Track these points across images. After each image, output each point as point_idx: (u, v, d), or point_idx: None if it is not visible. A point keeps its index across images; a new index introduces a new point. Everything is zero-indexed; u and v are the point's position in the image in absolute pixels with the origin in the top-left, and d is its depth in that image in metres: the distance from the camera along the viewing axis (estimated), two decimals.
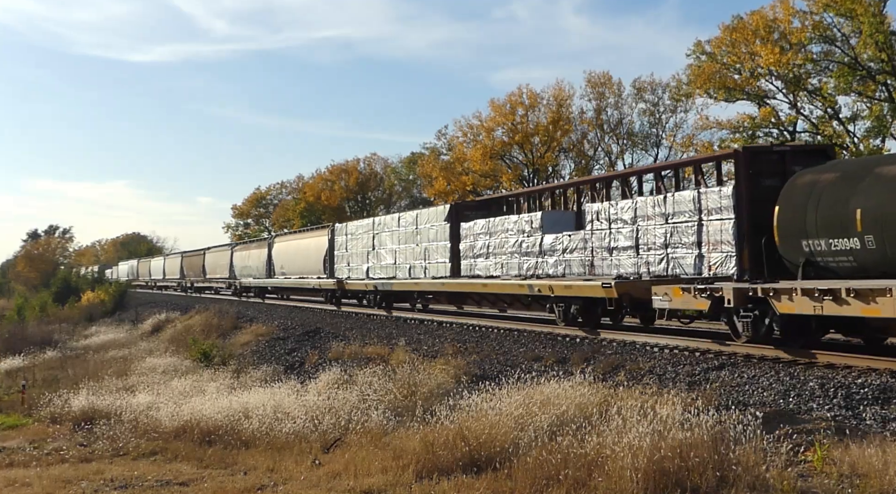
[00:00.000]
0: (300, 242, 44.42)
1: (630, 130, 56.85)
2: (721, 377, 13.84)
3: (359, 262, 34.94)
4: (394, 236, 31.81)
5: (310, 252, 41.53)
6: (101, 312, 60.27)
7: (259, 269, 50.58)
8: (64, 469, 13.60)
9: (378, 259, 33.06)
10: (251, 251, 54.09)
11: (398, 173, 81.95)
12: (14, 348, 36.31)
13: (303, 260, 42.51)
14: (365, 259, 34.28)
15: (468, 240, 26.73)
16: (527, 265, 23.27)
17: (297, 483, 11.24)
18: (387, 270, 32.05)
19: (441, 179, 57.77)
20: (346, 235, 37.03)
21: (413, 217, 30.83)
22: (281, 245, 47.63)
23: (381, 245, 32.91)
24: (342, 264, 37.15)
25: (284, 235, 50.13)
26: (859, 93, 40.02)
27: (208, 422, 15.52)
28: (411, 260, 30.19)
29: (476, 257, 26.03)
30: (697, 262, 17.24)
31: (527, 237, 23.38)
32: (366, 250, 34.20)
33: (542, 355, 18.03)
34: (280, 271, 46.28)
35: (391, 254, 31.89)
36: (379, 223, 33.69)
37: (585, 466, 9.37)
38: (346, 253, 36.75)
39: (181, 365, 25.79)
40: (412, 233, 30.29)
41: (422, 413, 13.38)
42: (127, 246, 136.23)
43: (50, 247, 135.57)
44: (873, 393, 11.60)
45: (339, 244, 37.66)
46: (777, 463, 8.89)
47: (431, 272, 28.58)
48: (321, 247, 40.08)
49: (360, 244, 35.18)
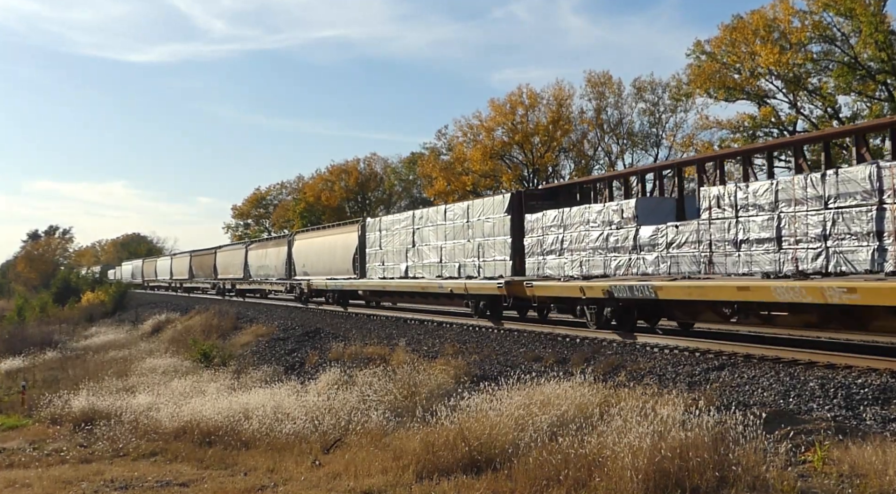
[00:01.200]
0: (325, 239, 40.96)
1: (630, 130, 56.99)
2: (721, 377, 13.84)
3: (396, 261, 31.68)
4: (439, 231, 28.40)
5: (336, 250, 38.38)
6: (101, 313, 60.27)
7: (278, 269, 47.34)
8: (64, 470, 13.59)
9: (419, 256, 29.76)
10: (268, 249, 50.49)
11: (398, 173, 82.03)
12: (14, 349, 36.30)
13: (328, 259, 39.31)
14: (403, 257, 31.09)
15: (534, 234, 23.31)
16: (616, 263, 19.90)
17: (297, 484, 11.23)
18: (430, 269, 28.82)
19: (441, 179, 57.84)
20: (379, 231, 33.53)
21: (463, 209, 27.32)
22: (303, 242, 44.07)
23: (422, 241, 29.55)
24: (375, 263, 33.73)
25: (307, 232, 46.45)
26: (859, 93, 40.07)
27: (208, 423, 15.52)
28: (461, 258, 26.89)
29: (545, 254, 22.64)
30: (876, 256, 13.77)
31: (615, 229, 19.98)
32: (404, 247, 30.91)
33: (542, 355, 18.02)
34: (302, 271, 42.95)
35: (435, 252, 28.60)
36: (420, 217, 30.09)
37: (585, 466, 9.36)
38: (380, 251, 33.27)
39: (181, 365, 25.77)
40: (462, 228, 26.86)
41: (422, 414, 13.37)
42: (127, 246, 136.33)
43: (50, 248, 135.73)
44: (873, 394, 11.61)
45: (372, 241, 34.22)
46: (777, 464, 8.88)
47: (487, 271, 25.31)
48: (350, 244, 36.97)
49: (396, 240, 31.75)
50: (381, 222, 34.00)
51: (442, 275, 27.87)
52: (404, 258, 30.86)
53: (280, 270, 46.70)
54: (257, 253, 52.89)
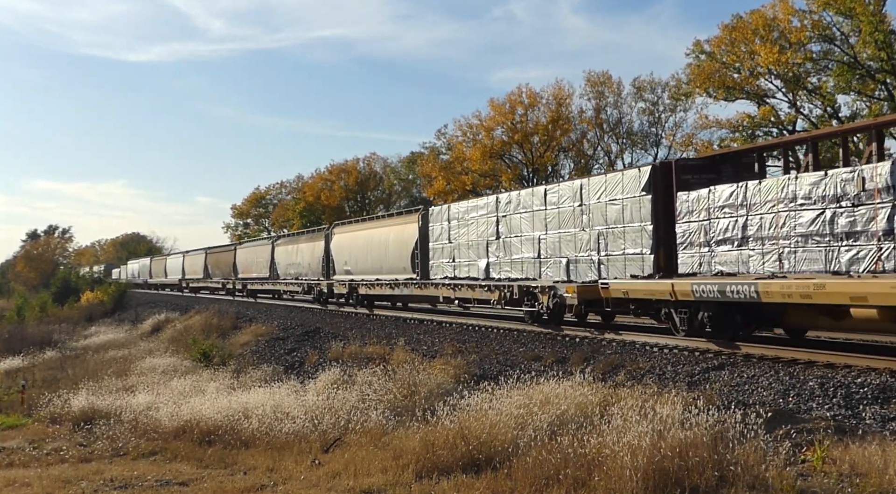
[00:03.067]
0: (374, 232, 35.08)
1: (629, 129, 57.02)
2: (721, 377, 13.84)
3: (472, 256, 26.49)
4: (536, 219, 22.95)
5: (389, 244, 33.02)
6: (100, 312, 60.30)
7: (312, 267, 41.92)
8: (63, 469, 13.59)
9: (507, 251, 24.49)
10: (301, 245, 44.77)
11: (398, 173, 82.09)
12: (14, 348, 36.34)
13: (378, 256, 33.78)
14: (483, 252, 25.85)
15: (694, 217, 17.57)
16: (847, 257, 14.28)
17: (297, 483, 11.23)
18: (524, 267, 23.47)
19: (440, 179, 57.84)
20: (447, 221, 28.37)
21: (574, 189, 21.35)
22: (344, 236, 38.67)
23: (511, 232, 24.31)
24: (441, 260, 28.59)
25: (348, 224, 40.99)
26: (859, 92, 40.07)
27: (208, 422, 15.52)
28: (572, 252, 21.29)
29: (714, 244, 16.98)
30: None
31: (847, 207, 14.26)
32: (484, 240, 25.74)
33: (542, 355, 18.02)
34: (343, 269, 37.65)
35: (531, 244, 23.20)
36: (508, 202, 24.70)
37: (585, 465, 9.36)
38: (449, 246, 28.05)
39: (181, 365, 25.78)
40: (571, 213, 21.28)
41: (422, 413, 13.38)
42: (127, 246, 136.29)
43: (49, 248, 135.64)
44: (873, 393, 11.61)
45: (437, 233, 29.00)
46: (777, 463, 8.88)
47: (615, 271, 19.57)
48: (408, 237, 31.32)
49: (473, 232, 26.54)
50: (450, 210, 28.64)
51: (543, 274, 22.60)
52: (484, 253, 25.77)
53: (315, 268, 41.66)
54: (286, 250, 47.17)
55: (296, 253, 45.04)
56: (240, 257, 56.89)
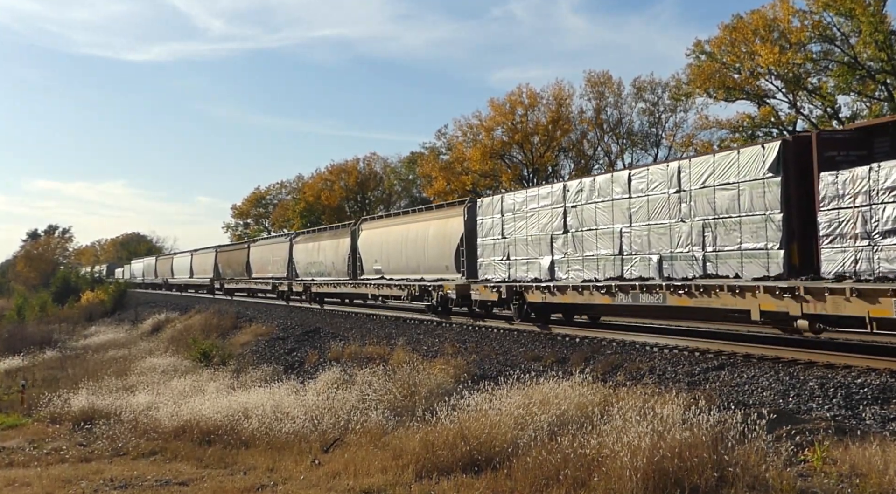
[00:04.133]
0: (410, 228, 31.51)
1: (630, 130, 57.03)
2: (721, 377, 13.84)
3: (531, 254, 23.00)
4: (617, 208, 19.55)
5: (428, 241, 29.72)
6: (100, 312, 60.31)
7: (337, 266, 38.39)
8: (63, 469, 13.59)
9: (578, 247, 20.96)
10: (322, 242, 41.12)
11: (398, 173, 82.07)
12: (14, 348, 36.34)
13: (415, 254, 30.48)
14: (546, 248, 22.26)
15: (844, 203, 14.02)
16: None
17: (297, 483, 11.23)
18: (601, 265, 20.02)
19: (441, 179, 57.82)
20: (500, 214, 24.81)
21: (670, 172, 17.93)
22: (374, 233, 35.06)
23: (582, 224, 20.75)
24: (493, 257, 25.02)
25: (379, 219, 37.40)
26: (859, 93, 40.09)
27: (208, 422, 15.53)
28: (665, 247, 17.87)
29: (882, 236, 13.29)
30: None
31: None
32: (547, 234, 22.29)
33: (542, 355, 18.02)
34: (373, 269, 34.28)
35: (609, 239, 19.72)
36: (578, 190, 21.11)
37: (585, 466, 9.36)
38: (502, 242, 24.48)
39: (181, 364, 25.79)
40: (665, 201, 17.92)
41: (421, 413, 13.39)
42: (127, 245, 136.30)
43: (49, 247, 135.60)
44: (873, 393, 11.60)
45: (487, 227, 25.52)
46: (776, 463, 8.88)
47: (726, 269, 16.25)
48: (451, 233, 28.04)
49: (532, 225, 22.98)
50: (503, 202, 24.98)
51: (626, 274, 19.13)
52: (547, 250, 22.33)
53: (340, 267, 38.13)
54: (306, 247, 43.59)
55: (317, 251, 41.62)
56: (254, 256, 53.46)
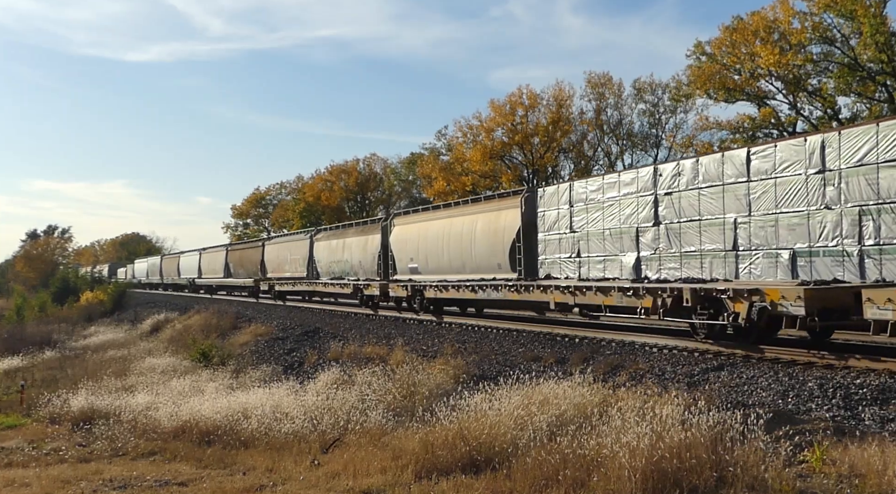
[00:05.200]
0: (454, 222, 28.31)
1: (630, 131, 57.13)
2: (720, 377, 13.84)
3: (610, 250, 20.20)
4: (729, 195, 16.75)
5: (476, 237, 26.51)
6: (99, 312, 60.30)
7: (364, 265, 35.33)
8: (63, 470, 13.57)
9: (673, 241, 18.23)
10: (348, 239, 37.92)
11: (398, 173, 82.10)
12: (13, 348, 36.29)
13: (459, 251, 27.37)
14: (630, 243, 19.52)
15: None
16: None
17: (296, 484, 11.22)
18: (707, 263, 17.35)
19: (441, 180, 57.85)
20: (567, 205, 21.88)
21: (809, 149, 15.06)
22: (409, 228, 31.85)
23: (680, 214, 18.03)
24: (559, 254, 22.13)
25: (415, 213, 33.67)
26: (859, 94, 40.13)
27: (207, 422, 15.51)
28: (801, 241, 15.23)
29: None
30: None
31: None
32: (631, 227, 19.38)
33: (541, 355, 18.02)
34: (407, 268, 31.31)
35: (718, 231, 17.01)
36: (675, 174, 18.19)
37: (584, 466, 9.35)
38: (571, 237, 21.46)
39: (180, 365, 25.77)
40: (806, 184, 15.12)
41: (421, 414, 13.38)
42: (126, 246, 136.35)
43: (49, 248, 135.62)
44: (872, 394, 11.60)
45: (551, 220, 22.61)
46: (776, 464, 8.87)
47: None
48: (504, 227, 24.96)
49: (611, 217, 20.10)
50: (572, 191, 21.78)
51: (743, 273, 16.46)
52: (632, 245, 19.42)
53: (369, 267, 35.07)
54: (329, 245, 40.34)
55: (342, 248, 38.35)
56: (269, 254, 50.17)
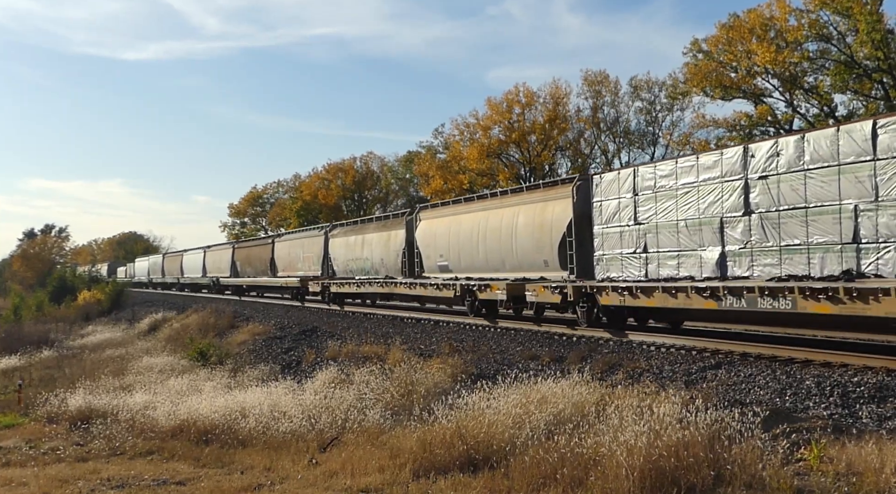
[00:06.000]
0: (489, 216, 26.29)
1: (626, 128, 57.14)
2: (718, 375, 13.85)
3: (687, 244, 17.82)
4: (848, 177, 14.40)
5: (518, 231, 24.30)
6: (97, 311, 60.21)
7: (387, 263, 33.24)
8: (60, 469, 13.56)
9: (771, 233, 16.02)
10: (368, 235, 35.75)
11: (395, 172, 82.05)
12: (10, 347, 36.23)
13: (497, 247, 25.50)
14: (712, 236, 17.16)
15: None
16: None
17: (294, 482, 11.22)
18: (816, 259, 15.12)
19: (438, 178, 57.83)
20: (631, 193, 19.54)
21: None
22: (437, 223, 29.66)
23: (779, 201, 15.76)
24: (620, 250, 19.91)
25: (442, 207, 30.87)
26: (855, 92, 40.16)
27: (205, 421, 15.50)
28: None
29: None
30: None
31: None
32: (714, 218, 17.02)
33: (539, 354, 18.02)
34: (436, 266, 29.22)
35: (830, 221, 14.80)
36: (772, 154, 15.90)
37: (582, 465, 9.36)
38: (636, 230, 19.22)
39: (178, 364, 25.74)
40: None
41: (419, 413, 13.38)
42: (124, 245, 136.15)
43: (46, 247, 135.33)
44: (869, 392, 11.61)
45: (610, 212, 20.19)
46: (773, 462, 8.89)
47: None
48: (552, 220, 22.64)
49: (687, 206, 17.73)
50: (636, 177, 19.42)
51: (863, 271, 14.16)
52: (715, 238, 17.01)
53: (391, 264, 32.83)
54: (346, 241, 38.15)
55: (361, 245, 36.24)
56: (280, 251, 47.81)
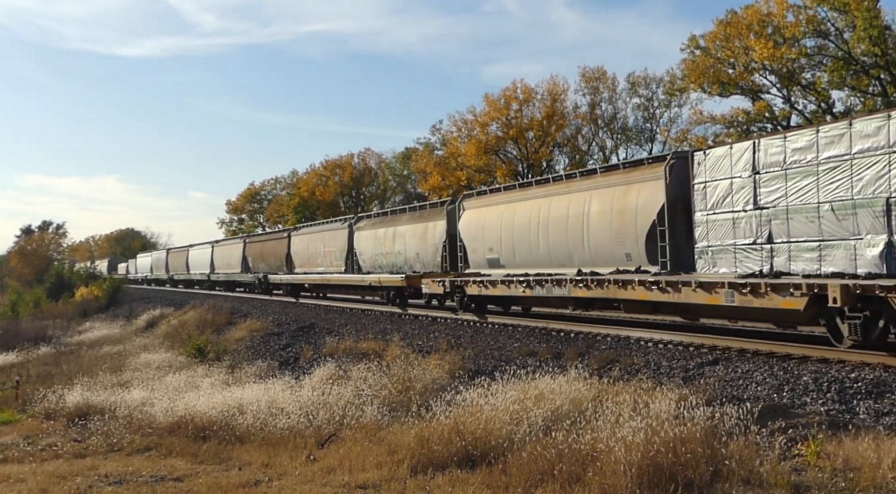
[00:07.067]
0: (551, 203, 23.22)
1: (624, 125, 57.15)
2: (715, 371, 13.86)
3: (827, 232, 14.43)
4: None
5: (589, 221, 21.24)
6: (94, 308, 60.16)
7: (425, 257, 30.09)
8: (58, 465, 13.56)
9: None
10: (401, 227, 32.57)
11: (392, 168, 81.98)
12: (8, 344, 36.23)
13: (563, 239, 22.41)
14: (872, 223, 13.57)
15: None
16: None
17: (292, 479, 11.22)
18: None
19: (435, 174, 57.80)
20: (747, 171, 15.98)
21: None
22: (485, 212, 26.77)
23: None
24: (731, 240, 16.54)
25: (491, 194, 27.76)
26: (853, 88, 40.17)
27: (203, 418, 15.49)
28: None
29: None
30: None
31: None
32: (870, 199, 13.53)
33: (537, 350, 18.03)
34: (485, 260, 26.33)
35: None
36: None
37: (580, 461, 9.37)
38: (756, 215, 15.84)
39: (175, 360, 25.75)
40: None
41: (416, 409, 13.39)
42: (121, 241, 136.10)
43: (43, 243, 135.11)
44: (867, 387, 11.63)
45: (718, 194, 16.80)
46: (771, 457, 8.90)
47: None
48: (638, 206, 19.55)
49: (832, 186, 14.22)
50: (757, 150, 15.70)
51: None
52: (877, 225, 13.51)
53: (428, 259, 29.89)
54: (374, 235, 35.01)
55: (392, 238, 33.05)
56: (296, 246, 45.07)
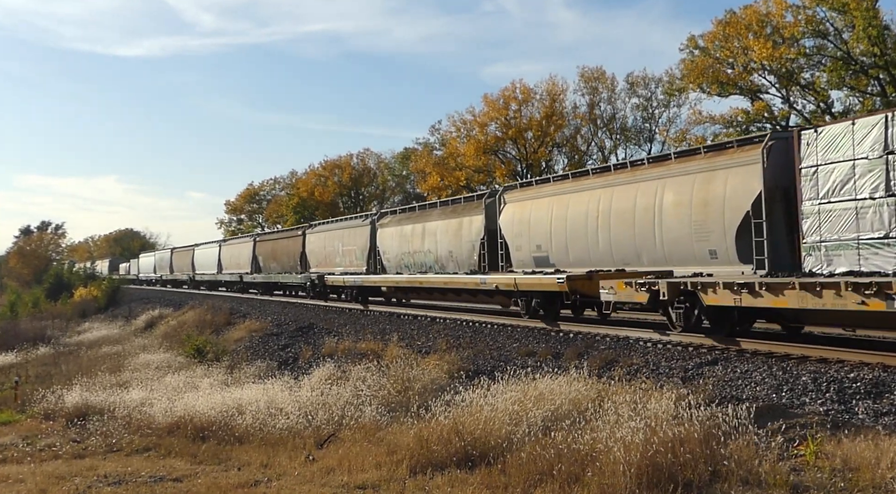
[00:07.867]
0: (613, 194, 20.65)
1: (623, 125, 57.13)
2: (714, 372, 13.86)
3: None
4: None
5: (662, 213, 18.93)
6: (93, 308, 60.15)
7: (459, 257, 27.66)
8: (57, 466, 13.56)
9: None
10: (431, 223, 30.05)
11: (391, 168, 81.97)
12: (7, 344, 36.24)
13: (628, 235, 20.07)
14: None
15: None
16: None
17: (291, 479, 11.22)
18: None
19: (434, 174, 57.79)
20: (877, 150, 13.85)
21: None
22: (530, 205, 24.24)
23: None
24: (856, 233, 14.37)
25: (538, 185, 24.96)
26: (852, 88, 40.18)
27: (202, 418, 15.50)
28: None
29: None
30: None
31: None
32: None
33: (536, 350, 18.02)
34: (531, 259, 23.84)
35: None
36: None
37: (579, 461, 9.37)
38: (882, 205, 13.86)
39: (175, 360, 25.75)
40: None
41: (416, 409, 13.39)
42: (120, 241, 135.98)
43: (42, 243, 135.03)
44: (866, 387, 11.63)
45: (833, 179, 14.64)
46: (770, 457, 8.91)
47: None
48: (725, 195, 17.18)
49: None
50: (890, 126, 13.71)
51: None
52: None
53: (464, 258, 27.34)
54: (400, 232, 32.49)
55: (420, 236, 30.55)
56: (312, 244, 42.70)
